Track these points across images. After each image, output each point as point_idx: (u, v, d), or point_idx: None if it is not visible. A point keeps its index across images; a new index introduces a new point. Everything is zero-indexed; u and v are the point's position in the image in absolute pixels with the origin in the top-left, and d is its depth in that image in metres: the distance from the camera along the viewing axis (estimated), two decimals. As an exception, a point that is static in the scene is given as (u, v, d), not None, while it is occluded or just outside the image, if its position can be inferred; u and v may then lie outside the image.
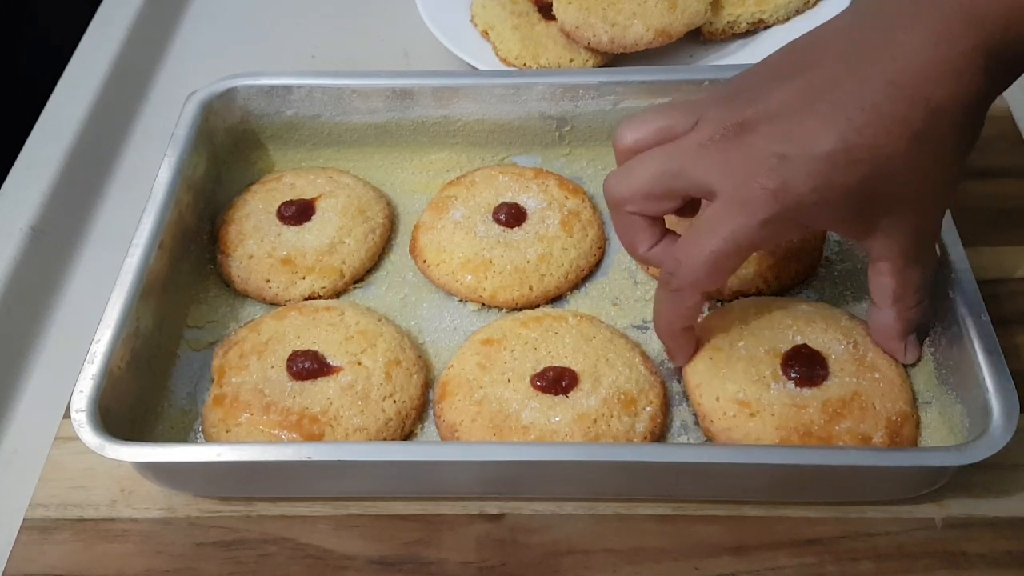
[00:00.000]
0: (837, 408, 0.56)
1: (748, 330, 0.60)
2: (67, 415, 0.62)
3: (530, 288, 0.67)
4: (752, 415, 0.57)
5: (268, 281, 0.68)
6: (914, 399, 0.59)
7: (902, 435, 0.56)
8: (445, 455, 0.55)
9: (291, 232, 0.70)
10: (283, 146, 0.77)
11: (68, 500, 0.59)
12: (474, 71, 0.83)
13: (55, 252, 0.76)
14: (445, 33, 0.86)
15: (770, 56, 0.53)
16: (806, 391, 0.57)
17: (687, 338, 0.59)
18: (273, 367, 0.61)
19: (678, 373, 0.62)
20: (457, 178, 0.74)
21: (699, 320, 0.61)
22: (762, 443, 0.56)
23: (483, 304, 0.68)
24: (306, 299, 0.68)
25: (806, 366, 0.58)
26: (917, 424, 0.58)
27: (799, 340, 0.59)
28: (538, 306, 0.68)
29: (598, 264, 0.70)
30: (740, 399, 0.57)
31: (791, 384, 0.58)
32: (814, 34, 0.52)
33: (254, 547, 0.57)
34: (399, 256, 0.72)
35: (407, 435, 0.61)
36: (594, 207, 0.73)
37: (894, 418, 0.56)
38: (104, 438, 0.53)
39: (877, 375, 0.58)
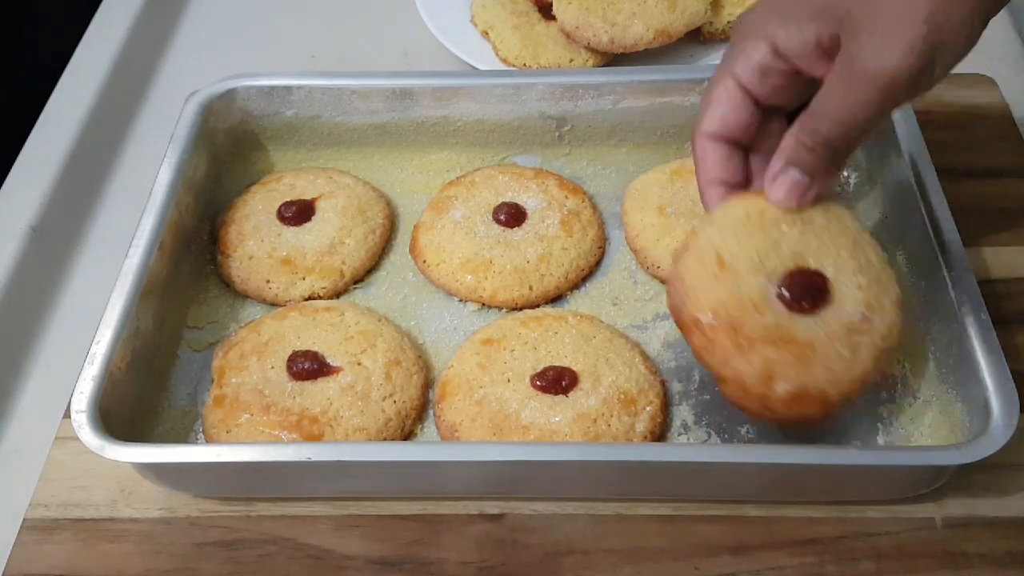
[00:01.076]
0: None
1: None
2: (67, 415, 0.62)
3: (530, 288, 0.67)
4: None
5: (268, 281, 0.68)
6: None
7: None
8: (445, 455, 0.55)
9: (291, 232, 0.70)
10: (283, 146, 0.77)
11: (68, 500, 0.59)
12: (474, 71, 0.83)
13: (55, 252, 0.76)
14: (445, 33, 0.86)
15: None
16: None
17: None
18: (273, 367, 0.61)
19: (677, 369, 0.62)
20: (457, 178, 0.74)
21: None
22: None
23: (483, 304, 0.68)
24: (306, 299, 0.68)
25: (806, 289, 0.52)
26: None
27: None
28: (538, 306, 0.68)
29: (598, 264, 0.70)
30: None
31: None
32: None
33: (254, 547, 0.57)
34: (399, 256, 0.72)
35: (407, 435, 0.61)
36: (594, 207, 0.73)
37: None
38: (104, 439, 0.54)
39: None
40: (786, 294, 0.51)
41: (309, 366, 0.61)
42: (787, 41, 0.49)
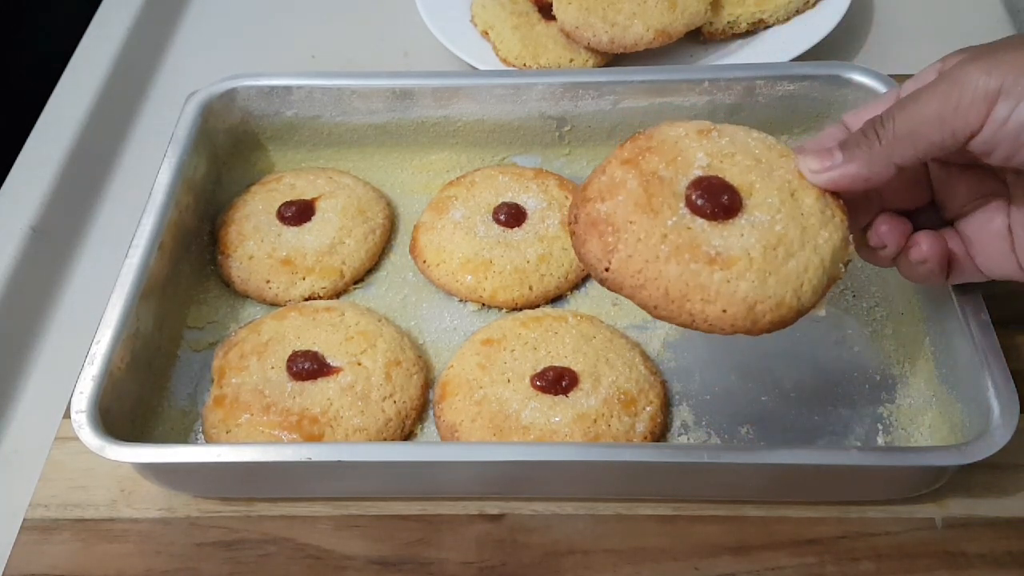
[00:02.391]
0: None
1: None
2: (67, 415, 0.62)
3: (530, 288, 0.67)
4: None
5: (268, 282, 0.68)
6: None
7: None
8: (445, 455, 0.55)
9: (291, 233, 0.70)
10: (283, 147, 0.77)
11: (68, 500, 0.59)
12: (474, 71, 0.83)
13: (55, 252, 0.76)
14: (445, 33, 0.86)
15: None
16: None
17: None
18: (273, 368, 0.61)
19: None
20: (457, 178, 0.74)
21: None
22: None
23: (483, 304, 0.68)
24: (306, 300, 0.68)
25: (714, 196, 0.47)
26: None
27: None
28: (538, 306, 0.68)
29: (598, 264, 0.70)
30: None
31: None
32: None
33: (254, 547, 0.57)
34: (399, 256, 0.72)
35: (407, 435, 0.61)
36: (594, 207, 0.72)
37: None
38: (104, 439, 0.54)
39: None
40: (696, 199, 0.47)
41: (309, 366, 0.61)
42: None
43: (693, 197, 0.47)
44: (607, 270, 0.47)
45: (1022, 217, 0.49)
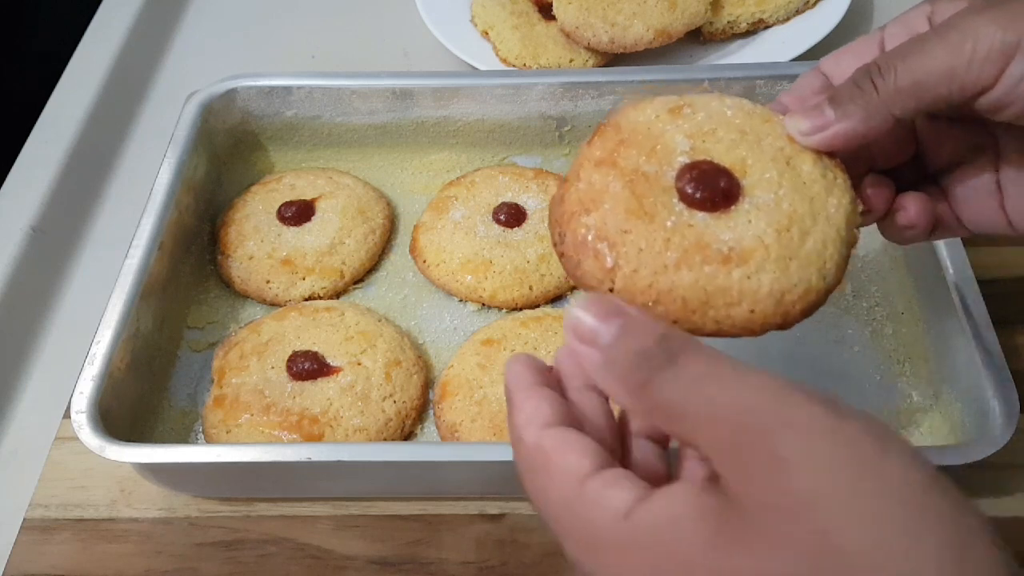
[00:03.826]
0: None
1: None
2: (67, 415, 0.62)
3: (530, 288, 0.67)
4: None
5: (268, 282, 0.68)
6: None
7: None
8: (445, 455, 0.55)
9: (291, 233, 0.70)
10: (283, 147, 0.77)
11: (68, 500, 0.59)
12: (474, 71, 0.83)
13: (55, 252, 0.76)
14: (445, 33, 0.86)
15: None
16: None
17: None
18: (273, 368, 0.61)
19: None
20: (457, 178, 0.74)
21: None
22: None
23: (483, 304, 0.68)
24: (306, 300, 0.68)
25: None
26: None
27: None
28: (538, 306, 0.68)
29: (598, 264, 0.70)
30: None
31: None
32: None
33: (254, 547, 0.57)
34: (399, 256, 0.72)
35: (407, 435, 0.61)
36: (594, 207, 0.72)
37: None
38: (104, 439, 0.53)
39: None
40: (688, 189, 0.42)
41: (309, 366, 0.61)
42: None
43: (687, 189, 0.41)
44: (612, 290, 0.41)
45: (1012, 172, 0.46)
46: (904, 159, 0.48)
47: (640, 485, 0.32)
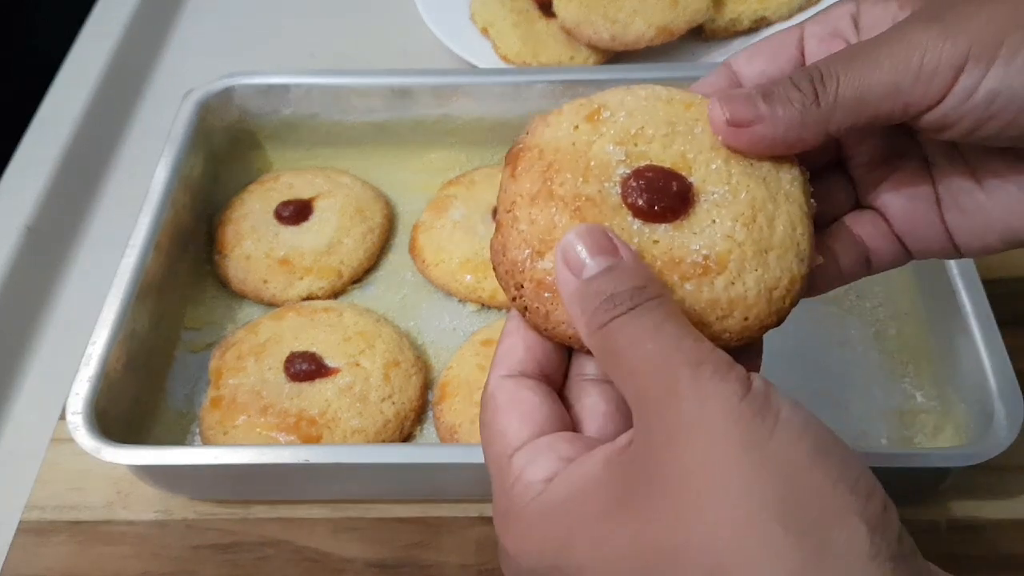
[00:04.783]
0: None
1: None
2: (63, 417, 0.61)
3: (530, 288, 0.67)
4: None
5: (266, 282, 0.68)
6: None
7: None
8: (444, 457, 0.55)
9: (289, 232, 0.70)
10: (281, 145, 0.77)
11: (64, 502, 0.59)
12: (474, 69, 0.83)
13: (51, 252, 0.75)
14: (444, 31, 0.85)
15: None
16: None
17: None
18: (271, 369, 0.61)
19: None
20: (457, 177, 0.74)
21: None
22: None
23: (483, 304, 0.67)
24: (304, 300, 0.68)
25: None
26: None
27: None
28: (538, 306, 0.67)
29: (598, 264, 0.70)
30: None
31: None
32: None
33: (251, 550, 0.57)
34: (398, 256, 0.71)
35: (406, 437, 0.61)
36: (594, 206, 0.72)
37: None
38: (100, 440, 0.53)
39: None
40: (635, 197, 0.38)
41: (307, 367, 0.60)
42: None
43: (639, 204, 0.38)
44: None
45: (947, 179, 0.41)
46: (825, 160, 0.43)
47: (563, 458, 0.33)
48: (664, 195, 0.38)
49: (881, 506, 0.30)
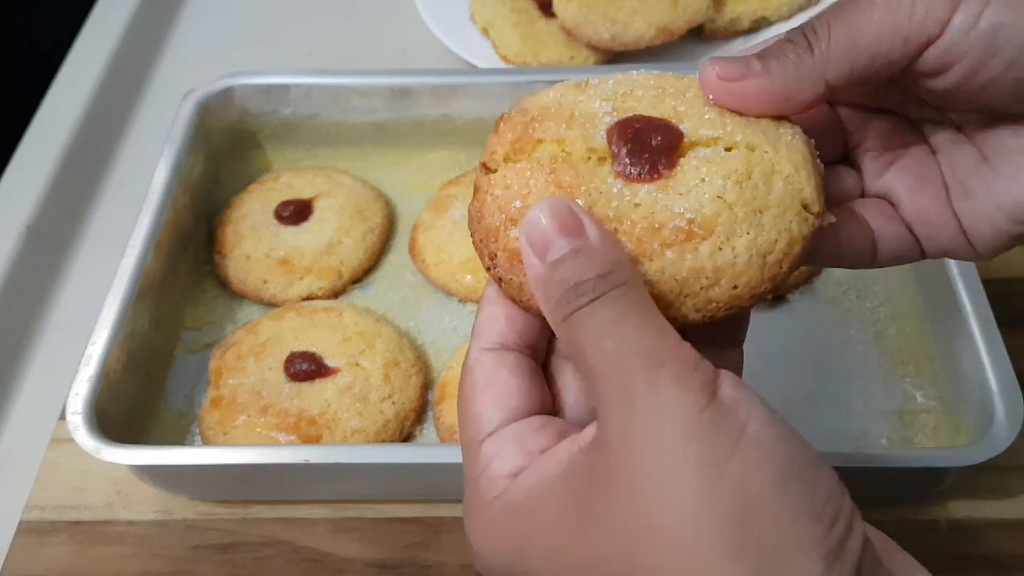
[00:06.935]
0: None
1: None
2: (63, 417, 0.61)
3: (530, 288, 0.67)
4: None
5: (266, 282, 0.68)
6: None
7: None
8: (444, 457, 0.55)
9: (289, 232, 0.70)
10: (281, 145, 0.77)
11: (64, 502, 0.59)
12: (474, 69, 0.83)
13: (51, 252, 0.75)
14: (444, 31, 0.85)
15: None
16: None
17: None
18: (271, 369, 0.61)
19: None
20: (456, 177, 0.74)
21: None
22: None
23: (483, 304, 0.67)
24: (304, 300, 0.68)
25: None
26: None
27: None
28: (538, 306, 0.67)
29: (598, 264, 0.70)
30: None
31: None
32: None
33: (251, 550, 0.56)
34: (398, 256, 0.71)
35: (406, 437, 0.61)
36: (594, 206, 0.72)
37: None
38: (100, 440, 0.53)
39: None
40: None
41: (307, 367, 0.60)
42: None
43: (622, 153, 0.35)
44: None
45: (953, 162, 0.40)
46: (834, 157, 0.42)
47: (529, 452, 0.32)
48: (647, 147, 0.35)
49: (845, 531, 0.28)
